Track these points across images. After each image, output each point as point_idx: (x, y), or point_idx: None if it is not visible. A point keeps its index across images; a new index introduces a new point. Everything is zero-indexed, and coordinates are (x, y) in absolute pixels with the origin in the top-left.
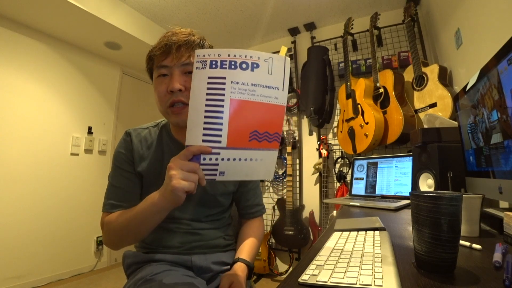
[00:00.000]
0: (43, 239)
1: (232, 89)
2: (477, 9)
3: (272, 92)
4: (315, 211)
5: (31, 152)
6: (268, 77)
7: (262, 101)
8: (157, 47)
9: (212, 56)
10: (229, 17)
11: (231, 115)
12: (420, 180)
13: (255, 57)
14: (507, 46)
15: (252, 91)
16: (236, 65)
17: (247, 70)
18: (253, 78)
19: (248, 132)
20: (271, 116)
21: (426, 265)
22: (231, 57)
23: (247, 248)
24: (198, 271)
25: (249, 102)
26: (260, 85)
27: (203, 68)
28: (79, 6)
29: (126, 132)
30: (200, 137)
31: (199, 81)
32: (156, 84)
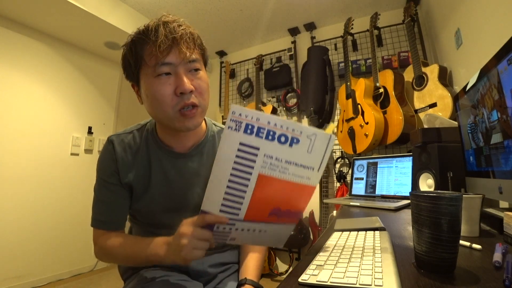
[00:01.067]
0: (43, 239)
1: (264, 163)
2: (477, 9)
3: (306, 172)
4: (315, 211)
5: (31, 152)
6: (305, 156)
7: (293, 180)
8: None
9: (250, 118)
10: (229, 17)
11: (255, 190)
12: (420, 180)
13: (297, 131)
14: (507, 46)
15: (284, 168)
16: (274, 137)
17: (285, 144)
18: (289, 155)
19: (269, 209)
20: (298, 196)
21: (426, 265)
22: (270, 126)
23: (252, 266)
24: (194, 275)
25: (278, 180)
26: (295, 163)
27: (237, 130)
28: (79, 6)
29: (108, 139)
30: (218, 206)
31: (229, 144)
32: (155, 86)
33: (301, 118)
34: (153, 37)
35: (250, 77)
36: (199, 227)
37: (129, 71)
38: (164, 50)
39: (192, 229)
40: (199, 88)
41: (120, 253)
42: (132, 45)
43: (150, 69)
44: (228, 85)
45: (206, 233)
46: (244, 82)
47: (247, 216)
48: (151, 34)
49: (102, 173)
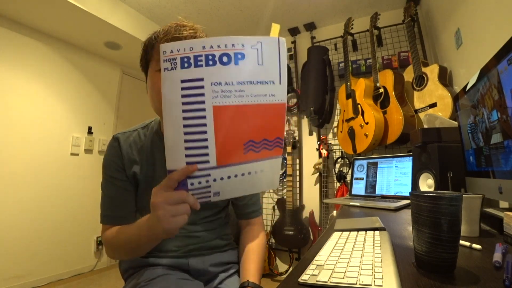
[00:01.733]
0: (43, 239)
1: (214, 92)
2: (477, 9)
3: (266, 89)
4: (315, 211)
5: (31, 152)
6: (258, 69)
7: (255, 102)
8: (163, 39)
9: (183, 51)
10: (229, 17)
11: (216, 126)
12: (420, 180)
13: (238, 45)
14: (507, 46)
15: (239, 91)
16: (214, 60)
17: (229, 64)
18: (239, 74)
19: (242, 144)
20: (268, 119)
21: (426, 265)
22: (207, 50)
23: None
24: (195, 273)
25: (237, 107)
26: (250, 81)
27: (173, 69)
28: (79, 6)
29: (114, 137)
30: (182, 158)
31: (171, 87)
32: (155, 79)
33: (301, 118)
34: (162, 36)
35: None
36: (170, 191)
37: (142, 63)
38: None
39: (163, 195)
40: None
41: (120, 243)
42: (148, 41)
43: (154, 63)
44: None
45: (179, 194)
46: None
47: (220, 160)
48: (161, 34)
49: (108, 169)
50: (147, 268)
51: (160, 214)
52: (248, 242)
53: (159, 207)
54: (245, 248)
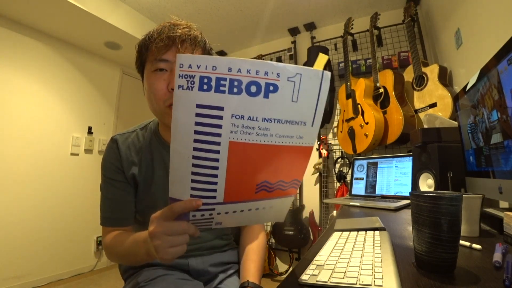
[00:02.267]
0: (43, 239)
1: (233, 126)
2: (477, 9)
3: (295, 130)
4: (315, 211)
5: (31, 152)
6: (291, 107)
7: (278, 143)
8: (157, 38)
9: (204, 68)
10: (229, 17)
11: (229, 163)
12: (420, 180)
13: (272, 74)
14: (507, 46)
15: (263, 129)
16: (240, 88)
17: (257, 96)
18: (267, 110)
19: (255, 184)
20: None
21: (426, 265)
22: (233, 73)
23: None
24: (195, 274)
25: (257, 146)
26: (278, 120)
27: (189, 89)
28: (79, 6)
29: (112, 138)
30: (187, 190)
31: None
32: (152, 79)
33: None
34: (156, 35)
35: None
36: (170, 221)
37: (138, 65)
38: (162, 48)
39: (162, 226)
40: None
41: (116, 252)
42: (142, 42)
43: (150, 63)
44: None
45: (179, 226)
46: None
47: (228, 197)
48: (155, 33)
49: (106, 171)
50: (147, 268)
51: (158, 244)
52: (248, 242)
53: (157, 237)
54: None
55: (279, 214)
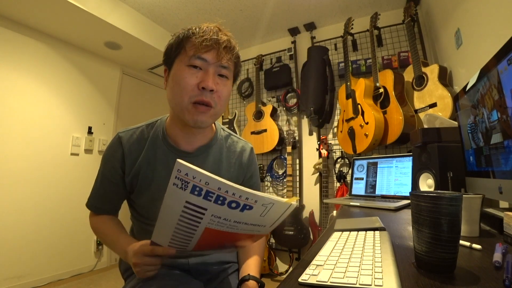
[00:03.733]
0: (43, 239)
1: (211, 220)
2: (477, 9)
3: (256, 228)
4: (315, 211)
5: (31, 152)
6: (257, 219)
7: (242, 232)
8: (202, 36)
9: (198, 181)
10: (229, 17)
11: (202, 238)
12: (420, 180)
13: (251, 200)
14: (507, 46)
15: (233, 226)
16: (224, 202)
17: (235, 210)
18: (240, 218)
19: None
20: (246, 239)
21: (426, 265)
22: (221, 192)
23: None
24: (195, 273)
25: (226, 233)
26: (245, 223)
27: (183, 189)
28: (79, 6)
29: (118, 135)
30: (166, 242)
31: (175, 200)
32: (184, 73)
33: (301, 118)
34: (201, 33)
35: (250, 77)
36: (148, 257)
37: (168, 55)
38: (205, 47)
39: (143, 260)
40: (220, 92)
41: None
42: (181, 35)
43: (186, 58)
44: None
45: (155, 261)
46: (244, 82)
47: (196, 248)
48: (200, 31)
49: (104, 167)
50: None
51: (138, 271)
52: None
53: (138, 267)
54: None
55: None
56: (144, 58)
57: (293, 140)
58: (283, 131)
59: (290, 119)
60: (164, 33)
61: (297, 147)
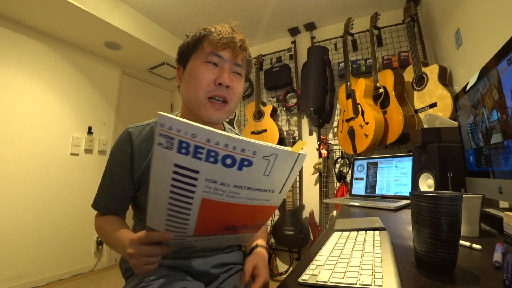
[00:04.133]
0: (43, 239)
1: (206, 188)
2: (477, 9)
3: (263, 195)
4: (315, 211)
5: (31, 152)
6: (261, 179)
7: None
8: (219, 35)
9: (183, 134)
10: (229, 17)
11: (200, 213)
12: (420, 180)
13: (248, 151)
14: (507, 46)
15: (234, 193)
16: (216, 159)
17: (232, 168)
18: (239, 179)
19: (222, 226)
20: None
21: (426, 265)
22: (211, 144)
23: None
24: (197, 275)
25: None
26: (248, 187)
27: (169, 149)
28: (79, 6)
29: (127, 130)
30: (162, 224)
31: (162, 164)
32: (201, 69)
33: (301, 118)
34: (218, 32)
35: (250, 77)
36: (145, 245)
37: (184, 53)
38: (222, 45)
39: (139, 249)
40: (235, 89)
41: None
42: (198, 33)
43: (203, 54)
44: None
45: (153, 250)
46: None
47: (197, 232)
48: (217, 31)
49: (112, 162)
50: None
51: (135, 263)
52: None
53: (134, 258)
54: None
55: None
56: (144, 58)
57: (293, 140)
58: (283, 131)
59: (290, 119)
60: (164, 33)
61: None
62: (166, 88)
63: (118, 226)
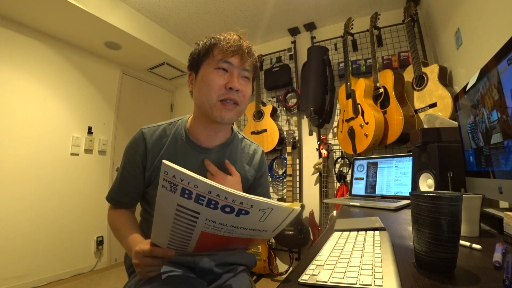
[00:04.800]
0: (43, 239)
1: (206, 225)
2: (477, 9)
3: (257, 233)
4: (315, 211)
5: (31, 152)
6: (256, 223)
7: (242, 237)
8: (228, 43)
9: (186, 183)
10: (229, 17)
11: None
12: (420, 180)
13: (246, 205)
14: (507, 46)
15: (231, 230)
16: (216, 207)
17: (230, 214)
18: (236, 222)
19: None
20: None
21: (426, 265)
22: (212, 195)
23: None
24: (200, 272)
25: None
26: (243, 227)
27: (172, 192)
28: (79, 6)
29: (141, 131)
30: (165, 243)
31: (166, 203)
32: (213, 75)
33: (301, 118)
34: (227, 40)
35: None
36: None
37: (195, 60)
38: (231, 52)
39: (143, 260)
40: (244, 92)
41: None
42: (208, 42)
43: (214, 62)
44: None
45: (156, 262)
46: None
47: (197, 250)
48: (225, 39)
49: (126, 161)
50: None
51: (139, 271)
52: None
53: (139, 267)
54: None
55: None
56: (144, 58)
57: (293, 140)
58: (283, 131)
59: (290, 119)
60: (164, 33)
61: (297, 147)
62: (166, 88)
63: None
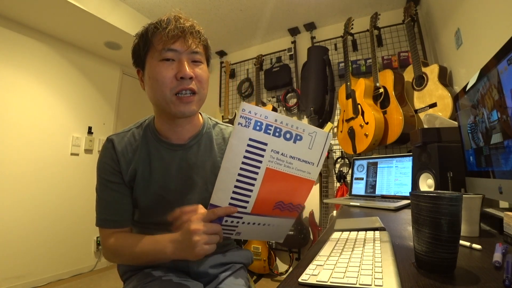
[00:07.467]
0: (43, 239)
1: (271, 157)
2: (477, 9)
3: (307, 167)
4: (315, 211)
5: (31, 152)
6: (307, 152)
7: (296, 174)
8: (166, 28)
9: (259, 116)
10: (229, 17)
11: (263, 184)
12: (420, 180)
13: (300, 129)
14: (507, 46)
15: (289, 163)
16: (280, 134)
17: (290, 141)
18: (294, 151)
19: (274, 202)
20: (300, 189)
21: (426, 265)
22: (277, 123)
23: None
24: (194, 275)
25: (283, 174)
26: (298, 158)
27: (246, 127)
28: (79, 6)
29: (108, 139)
30: (228, 199)
31: (239, 139)
32: (159, 68)
33: (301, 118)
34: (164, 25)
35: (250, 77)
36: (209, 222)
37: (137, 55)
38: (172, 38)
39: (203, 225)
40: (199, 76)
41: (128, 253)
42: (145, 32)
43: (156, 53)
44: (228, 85)
45: (216, 227)
46: (244, 82)
47: (254, 209)
48: (163, 23)
49: (103, 172)
50: (147, 269)
51: (197, 240)
52: None
53: (198, 234)
54: None
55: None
56: None
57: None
58: None
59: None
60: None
61: None
62: None
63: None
